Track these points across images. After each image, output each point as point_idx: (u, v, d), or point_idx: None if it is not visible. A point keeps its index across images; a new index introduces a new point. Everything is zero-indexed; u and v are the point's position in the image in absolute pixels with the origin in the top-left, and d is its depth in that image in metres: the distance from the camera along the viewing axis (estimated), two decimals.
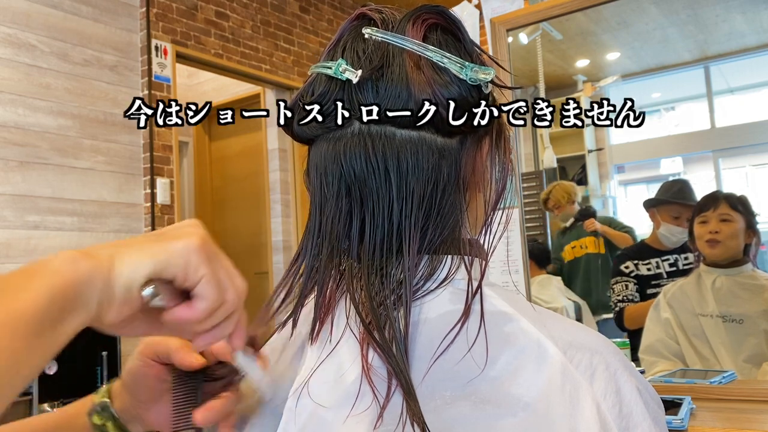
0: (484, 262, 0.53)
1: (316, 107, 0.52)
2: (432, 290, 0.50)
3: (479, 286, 0.50)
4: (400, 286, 0.49)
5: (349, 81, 0.51)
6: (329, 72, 0.52)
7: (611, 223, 2.75)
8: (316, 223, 0.53)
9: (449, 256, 0.51)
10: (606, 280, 2.60)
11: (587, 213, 2.68)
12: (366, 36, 0.52)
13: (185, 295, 0.42)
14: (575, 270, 2.58)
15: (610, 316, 2.54)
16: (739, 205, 1.75)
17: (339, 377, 0.48)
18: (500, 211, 0.56)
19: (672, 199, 2.01)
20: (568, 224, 2.62)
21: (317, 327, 0.52)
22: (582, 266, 2.57)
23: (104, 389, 0.55)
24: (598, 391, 0.46)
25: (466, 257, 0.51)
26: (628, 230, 2.76)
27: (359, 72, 0.50)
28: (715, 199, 1.79)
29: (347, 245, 0.52)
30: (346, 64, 0.51)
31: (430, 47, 0.50)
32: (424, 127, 0.51)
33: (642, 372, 1.70)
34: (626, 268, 2.03)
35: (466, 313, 0.49)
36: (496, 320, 0.49)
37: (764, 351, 1.64)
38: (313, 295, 0.52)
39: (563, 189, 2.68)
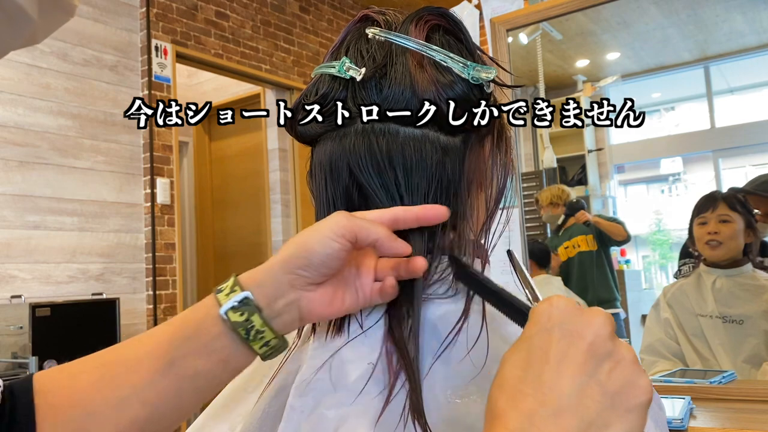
0: (483, 263, 0.53)
1: (320, 106, 0.52)
2: (437, 290, 0.51)
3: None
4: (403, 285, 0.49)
5: (352, 80, 0.51)
6: (333, 71, 0.52)
7: (601, 216, 2.77)
8: None
9: (451, 256, 0.51)
10: (601, 275, 2.61)
11: (577, 206, 2.69)
12: (369, 36, 0.53)
13: None
14: (570, 269, 2.59)
15: (609, 311, 2.54)
16: (738, 205, 1.75)
17: (341, 375, 0.48)
18: (500, 211, 0.56)
19: (754, 190, 1.98)
20: (559, 222, 2.64)
21: (317, 326, 0.52)
22: (576, 265, 2.59)
23: (228, 284, 0.48)
24: None
25: (467, 257, 0.51)
26: (619, 221, 2.78)
27: (363, 70, 0.51)
28: (713, 199, 1.79)
29: None
30: (350, 63, 0.51)
31: (433, 47, 0.51)
32: (427, 125, 0.51)
33: None
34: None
35: (466, 312, 0.49)
36: (497, 320, 0.49)
37: (764, 352, 1.65)
38: None
39: (553, 192, 2.71)
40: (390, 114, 0.50)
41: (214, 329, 0.46)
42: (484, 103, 0.52)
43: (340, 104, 0.52)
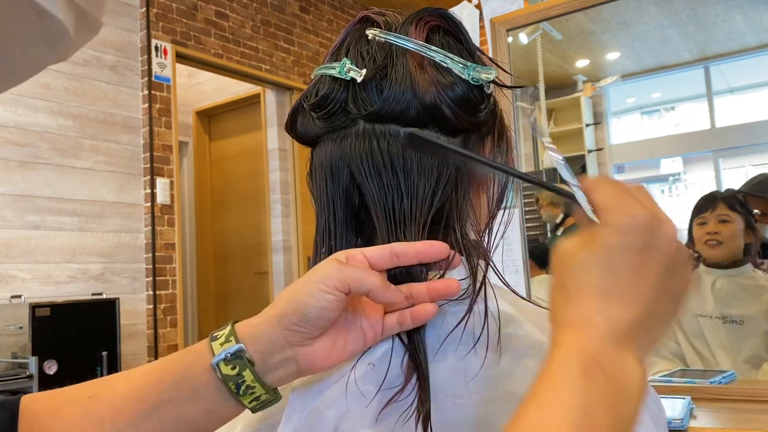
0: (486, 263, 0.53)
1: (321, 108, 0.52)
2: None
3: (482, 287, 0.50)
4: None
5: (353, 81, 0.51)
6: (333, 72, 0.52)
7: None
8: (323, 224, 0.53)
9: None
10: None
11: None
12: (370, 37, 0.53)
13: None
14: None
15: None
16: (738, 205, 1.75)
17: (340, 375, 0.48)
18: (501, 211, 0.56)
19: (749, 190, 1.98)
20: (558, 220, 2.64)
21: None
22: None
23: (224, 333, 0.46)
24: None
25: (469, 257, 0.51)
26: None
27: (363, 71, 0.51)
28: (713, 200, 1.79)
29: (354, 244, 0.52)
30: (351, 64, 0.51)
31: (433, 47, 0.51)
32: (428, 126, 0.51)
33: None
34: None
35: (469, 312, 0.49)
36: (498, 321, 0.50)
37: (764, 352, 1.65)
38: None
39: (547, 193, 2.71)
40: (394, 113, 0.50)
41: (203, 378, 0.45)
42: (485, 103, 0.53)
43: (344, 104, 0.52)
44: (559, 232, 2.66)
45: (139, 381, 0.47)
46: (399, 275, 0.48)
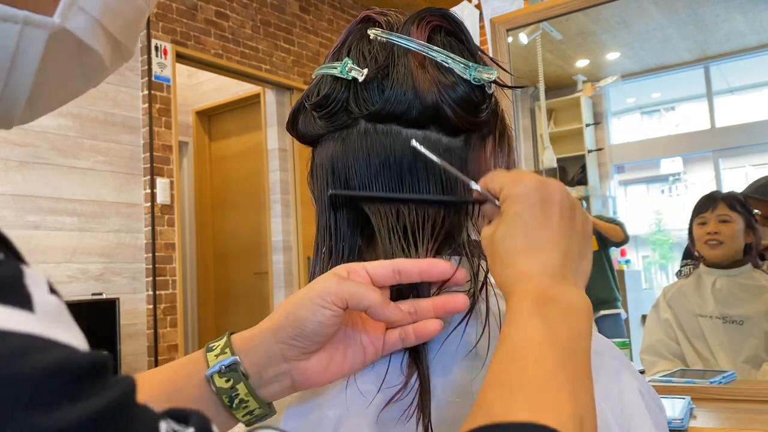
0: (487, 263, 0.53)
1: (322, 107, 0.52)
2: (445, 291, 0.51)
3: (483, 287, 0.50)
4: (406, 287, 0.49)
5: (354, 80, 0.51)
6: (335, 72, 0.52)
7: (599, 218, 2.77)
8: (324, 224, 0.53)
9: (454, 256, 0.51)
10: (601, 275, 2.61)
11: None
12: (371, 37, 0.52)
13: None
14: None
15: (609, 312, 2.55)
16: (738, 205, 1.75)
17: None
18: None
19: (752, 193, 1.98)
20: None
21: None
22: None
23: (220, 344, 0.46)
24: (599, 392, 0.46)
25: (470, 257, 0.51)
26: (618, 222, 2.78)
27: (365, 71, 0.50)
28: (713, 200, 1.79)
29: (355, 245, 0.52)
30: (352, 63, 0.51)
31: (435, 47, 0.51)
32: (429, 126, 0.51)
33: (642, 372, 1.70)
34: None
35: (470, 312, 0.49)
36: (499, 321, 0.50)
37: (764, 352, 1.65)
38: None
39: None
40: (396, 113, 0.50)
41: (198, 390, 0.45)
42: (486, 103, 0.52)
43: (345, 103, 0.51)
44: None
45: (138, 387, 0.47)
46: (404, 288, 0.48)
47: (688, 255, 1.93)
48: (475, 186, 0.47)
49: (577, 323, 0.40)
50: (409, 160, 0.50)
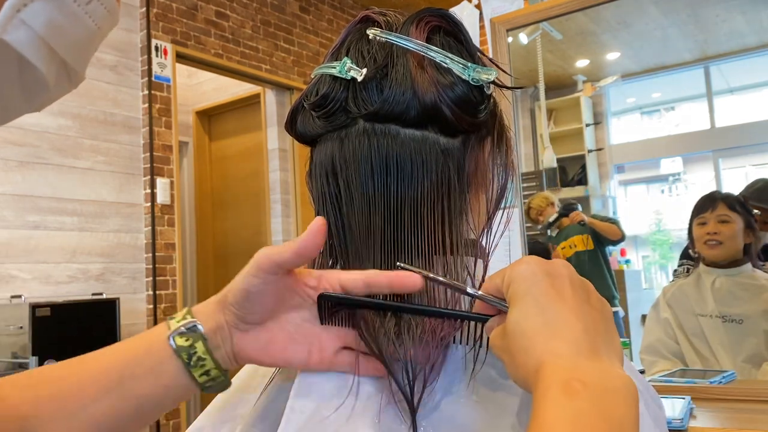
0: (485, 263, 0.53)
1: (321, 107, 0.52)
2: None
3: (482, 287, 0.50)
4: None
5: (353, 80, 0.51)
6: (334, 72, 0.52)
7: (595, 217, 2.78)
8: None
9: (453, 257, 0.51)
10: (598, 274, 2.61)
11: (570, 207, 2.71)
12: (370, 37, 0.52)
13: None
14: None
15: None
16: (738, 205, 1.75)
17: (341, 376, 0.49)
18: (500, 211, 0.56)
19: (750, 197, 1.98)
20: (551, 219, 2.65)
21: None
22: (573, 265, 2.59)
23: (183, 312, 0.49)
24: None
25: (468, 258, 0.51)
26: (614, 221, 2.78)
27: (364, 71, 0.50)
28: (713, 200, 1.79)
29: (354, 246, 0.52)
30: (351, 63, 0.51)
31: (434, 48, 0.51)
32: (427, 126, 0.51)
33: (642, 372, 1.70)
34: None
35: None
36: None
37: (763, 351, 1.65)
38: None
39: (541, 195, 2.73)
40: (394, 113, 0.50)
41: (161, 353, 0.48)
42: (485, 103, 0.52)
43: (344, 103, 0.51)
44: (555, 234, 2.67)
45: (106, 359, 0.49)
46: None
47: (686, 255, 1.94)
48: (471, 291, 0.45)
49: (615, 409, 0.35)
50: (407, 160, 0.50)
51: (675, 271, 1.97)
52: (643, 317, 2.12)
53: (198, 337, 0.47)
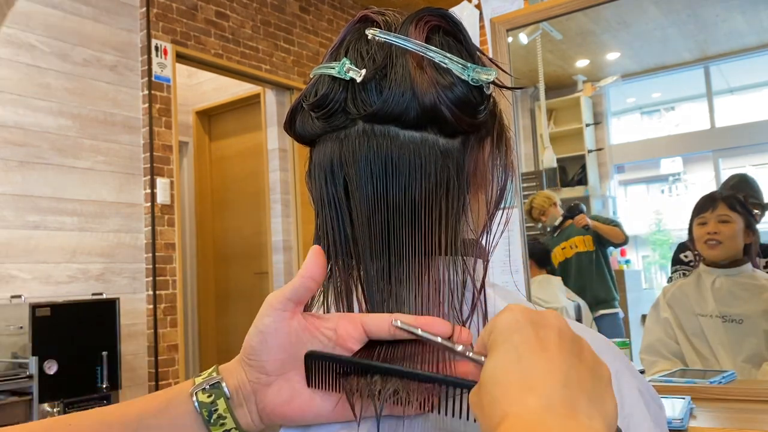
0: (485, 263, 0.53)
1: (320, 107, 0.52)
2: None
3: (482, 287, 0.50)
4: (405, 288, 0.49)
5: (352, 81, 0.50)
6: (332, 72, 0.51)
7: (597, 219, 2.78)
8: (321, 226, 0.53)
9: (452, 257, 0.51)
10: (599, 275, 2.62)
11: (577, 209, 2.70)
12: (369, 37, 0.52)
13: None
14: (567, 270, 2.60)
15: (607, 311, 2.55)
16: (738, 205, 1.75)
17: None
18: (500, 211, 0.56)
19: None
20: (557, 223, 2.65)
21: None
22: (573, 265, 2.60)
23: (209, 370, 0.49)
24: None
25: (468, 258, 0.51)
26: (617, 224, 2.78)
27: (363, 71, 0.50)
28: (713, 200, 1.79)
29: (353, 246, 0.52)
30: (350, 64, 0.51)
31: (433, 48, 0.50)
32: (427, 127, 0.51)
33: (642, 372, 1.70)
34: (686, 257, 2.00)
35: (472, 312, 0.49)
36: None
37: (763, 351, 1.65)
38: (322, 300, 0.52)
39: (543, 195, 2.72)
40: (393, 114, 0.50)
41: (182, 407, 0.47)
42: (485, 104, 0.52)
43: (343, 104, 0.51)
44: (556, 234, 2.67)
45: (123, 410, 0.49)
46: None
47: (678, 261, 1.94)
48: (459, 348, 0.42)
49: None
50: (406, 161, 0.50)
51: (669, 279, 1.97)
52: (643, 317, 2.12)
53: (220, 394, 0.47)
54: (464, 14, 1.90)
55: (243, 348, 0.47)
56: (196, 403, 0.47)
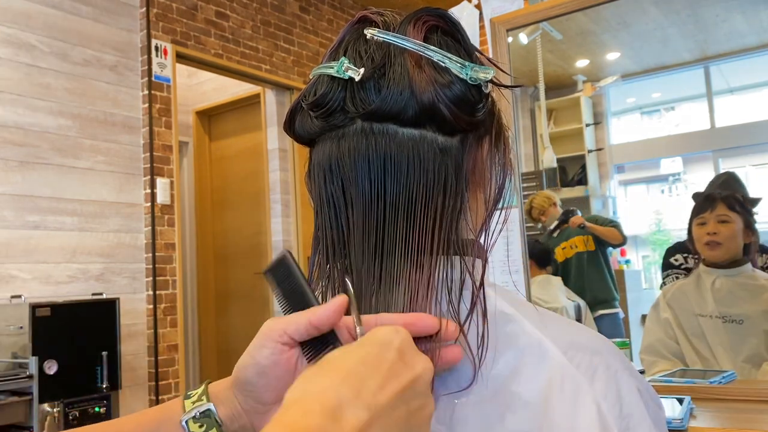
0: (484, 262, 0.53)
1: (319, 107, 0.52)
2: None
3: (481, 287, 0.50)
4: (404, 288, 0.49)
5: (351, 80, 0.51)
6: (331, 72, 0.52)
7: (596, 220, 2.78)
8: (320, 224, 0.53)
9: (450, 257, 0.51)
10: (598, 275, 2.62)
11: (570, 213, 2.71)
12: (368, 37, 0.52)
13: None
14: (568, 270, 2.60)
15: (607, 311, 2.55)
16: (737, 205, 1.75)
17: None
18: (499, 211, 0.56)
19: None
20: (552, 227, 2.65)
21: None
22: (574, 265, 2.60)
23: (198, 392, 0.47)
24: (598, 391, 0.46)
25: (466, 258, 0.51)
26: (615, 224, 2.78)
27: (362, 71, 0.50)
28: (712, 200, 1.79)
29: (352, 246, 0.52)
30: (349, 63, 0.51)
31: (431, 47, 0.51)
32: (425, 125, 0.51)
33: (642, 372, 1.70)
34: (676, 260, 2.00)
35: (471, 312, 0.49)
36: (497, 320, 0.50)
37: (763, 351, 1.65)
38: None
39: (543, 195, 2.72)
40: (392, 112, 0.50)
41: None
42: (483, 102, 0.52)
43: (342, 103, 0.51)
44: (556, 234, 2.67)
45: (115, 426, 0.48)
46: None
47: (669, 265, 1.94)
48: (359, 330, 0.44)
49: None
50: (405, 159, 0.50)
51: (662, 284, 1.97)
52: (643, 317, 2.12)
53: (212, 423, 0.46)
54: (464, 14, 1.91)
55: (237, 378, 0.46)
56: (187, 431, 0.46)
